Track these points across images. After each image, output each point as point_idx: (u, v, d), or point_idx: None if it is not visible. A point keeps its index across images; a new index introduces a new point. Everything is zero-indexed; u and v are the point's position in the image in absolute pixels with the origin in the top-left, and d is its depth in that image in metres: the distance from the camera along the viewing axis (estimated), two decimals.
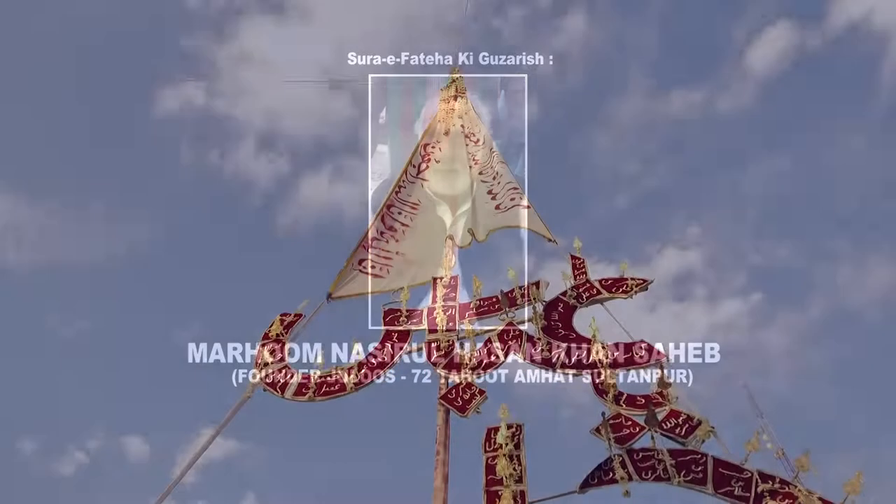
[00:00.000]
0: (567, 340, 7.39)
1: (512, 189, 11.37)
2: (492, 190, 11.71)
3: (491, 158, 12.60)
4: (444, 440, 6.82)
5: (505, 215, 10.77)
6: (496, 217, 10.79)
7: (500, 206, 11.12)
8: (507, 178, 11.81)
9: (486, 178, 12.15)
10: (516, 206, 10.86)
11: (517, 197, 11.07)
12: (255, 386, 8.09)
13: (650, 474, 5.73)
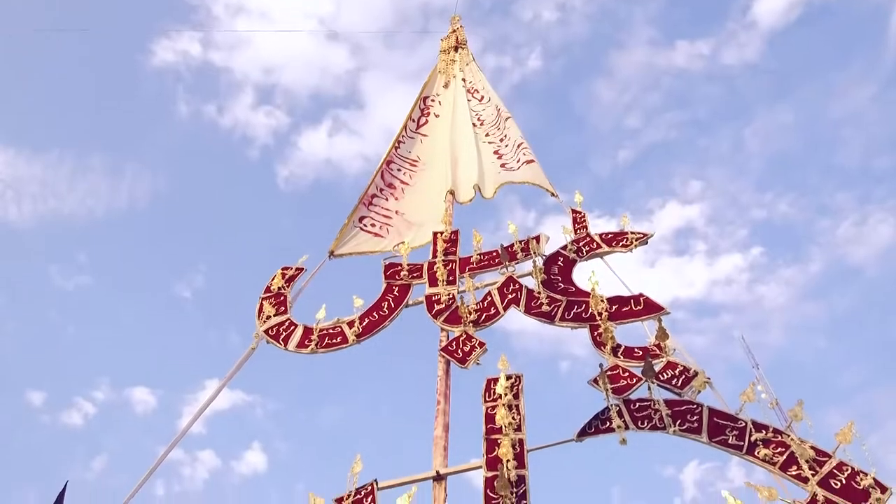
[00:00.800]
0: (566, 294, 7.44)
1: (517, 147, 11.29)
2: (498, 150, 11.64)
3: (498, 119, 12.46)
4: (444, 391, 6.95)
5: (511, 173, 10.76)
6: (502, 174, 10.76)
7: (505, 164, 11.08)
8: (515, 137, 11.72)
9: (493, 140, 12.05)
10: (522, 164, 10.84)
11: (523, 155, 11.02)
12: (258, 338, 8.20)
13: (646, 423, 5.85)
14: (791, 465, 5.25)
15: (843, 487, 4.97)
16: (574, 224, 8.61)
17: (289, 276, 9.05)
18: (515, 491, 5.45)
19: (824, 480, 5.05)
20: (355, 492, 5.98)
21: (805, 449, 5.27)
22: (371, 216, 10.79)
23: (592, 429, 5.95)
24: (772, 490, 5.10)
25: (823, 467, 5.14)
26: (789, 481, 5.21)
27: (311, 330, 8.06)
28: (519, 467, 5.64)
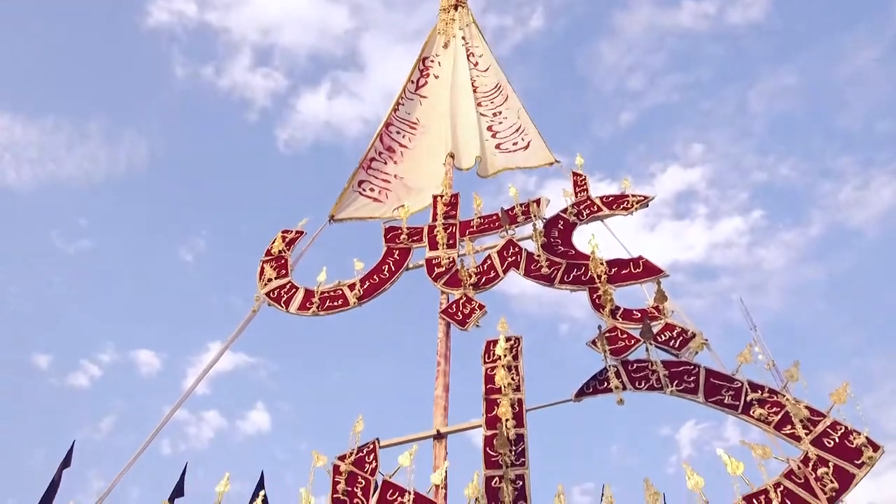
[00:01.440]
0: (566, 257, 7.45)
1: (516, 130, 11.16)
2: (492, 126, 11.51)
3: (495, 93, 12.30)
4: (444, 352, 7.03)
5: (506, 157, 10.66)
6: (499, 158, 10.67)
7: (500, 145, 10.98)
8: (512, 118, 11.57)
9: (486, 112, 11.91)
10: (520, 148, 10.74)
11: (520, 140, 10.91)
12: (260, 301, 8.24)
13: (643, 384, 5.93)
14: (785, 425, 5.33)
15: (835, 446, 5.05)
16: (575, 187, 8.57)
17: (289, 240, 9.06)
18: (514, 449, 5.56)
19: (818, 439, 5.13)
20: (357, 450, 6.09)
21: (800, 409, 5.33)
22: (370, 180, 10.74)
23: (590, 389, 6.03)
24: (766, 448, 5.19)
25: (817, 426, 5.21)
26: (783, 440, 5.29)
27: (312, 293, 8.10)
28: (518, 426, 5.74)
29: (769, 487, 4.94)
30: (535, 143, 10.73)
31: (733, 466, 5.11)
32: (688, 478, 5.16)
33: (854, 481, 4.84)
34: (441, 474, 5.68)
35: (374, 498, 5.68)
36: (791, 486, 4.92)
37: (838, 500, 4.78)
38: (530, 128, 11.16)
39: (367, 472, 5.90)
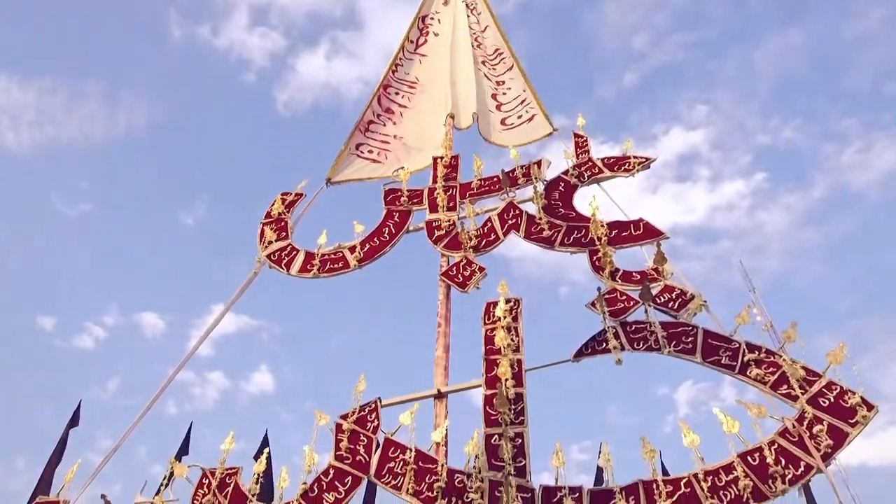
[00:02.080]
0: (566, 219, 7.43)
1: (520, 104, 10.95)
2: (496, 96, 11.29)
3: (497, 58, 12.03)
4: (445, 314, 7.07)
5: (510, 133, 10.45)
6: (503, 135, 10.47)
7: (505, 120, 10.76)
8: (515, 89, 11.34)
9: (490, 76, 11.68)
10: (524, 121, 10.54)
11: (524, 112, 10.70)
12: (260, 263, 8.27)
13: (642, 345, 5.98)
14: (782, 385, 5.40)
15: (830, 405, 5.12)
16: (576, 148, 8.48)
17: (288, 202, 9.04)
18: (513, 408, 5.65)
19: (813, 399, 5.20)
20: (360, 409, 6.19)
21: (796, 369, 5.39)
22: (368, 143, 10.63)
23: (589, 350, 6.09)
24: (761, 408, 5.27)
25: (813, 386, 5.27)
26: (779, 399, 5.36)
27: (312, 255, 8.12)
28: (517, 386, 5.82)
29: (763, 445, 5.03)
30: (538, 117, 10.55)
31: (729, 425, 5.20)
32: (684, 436, 5.26)
33: (848, 439, 4.92)
34: (442, 432, 5.78)
35: (376, 455, 5.80)
36: (785, 443, 5.01)
37: (832, 458, 4.86)
38: (533, 100, 10.95)
39: (370, 431, 6.01)
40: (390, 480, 5.58)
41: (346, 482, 5.71)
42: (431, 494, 5.31)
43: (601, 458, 5.40)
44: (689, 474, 5.05)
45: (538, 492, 5.20)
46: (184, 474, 6.29)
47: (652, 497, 4.98)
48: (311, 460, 5.90)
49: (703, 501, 4.86)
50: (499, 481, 5.19)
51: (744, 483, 4.83)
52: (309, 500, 5.67)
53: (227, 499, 5.96)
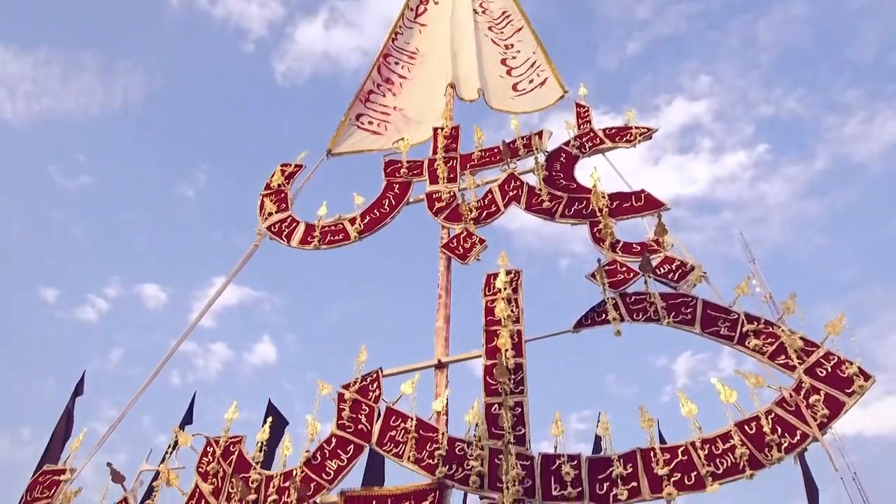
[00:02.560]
0: (567, 191, 7.40)
1: (531, 68, 10.73)
2: (506, 60, 11.07)
3: (504, 20, 11.80)
4: (445, 285, 7.09)
5: (524, 99, 10.25)
6: (514, 101, 10.26)
7: (517, 86, 10.55)
8: (525, 52, 11.11)
9: (497, 41, 11.46)
10: (536, 86, 10.32)
11: (536, 76, 10.48)
12: (261, 235, 8.26)
13: (641, 316, 6.01)
14: (779, 355, 5.43)
15: (828, 375, 5.16)
16: (578, 119, 8.41)
17: (288, 173, 9.00)
18: (513, 378, 5.71)
19: (810, 369, 5.24)
20: (361, 379, 6.25)
21: (794, 339, 5.42)
22: (368, 113, 10.53)
23: (588, 320, 6.12)
24: (759, 377, 5.31)
25: (811, 356, 5.31)
26: (777, 370, 5.40)
27: (313, 227, 8.11)
28: (517, 356, 5.87)
29: (760, 414, 5.08)
30: (550, 80, 10.32)
31: (726, 394, 5.25)
32: (682, 405, 5.31)
33: (844, 409, 4.96)
34: (442, 401, 5.85)
35: (377, 424, 5.88)
36: (782, 413, 5.06)
37: (828, 427, 4.92)
38: (545, 62, 10.72)
39: (371, 400, 6.07)
40: (392, 448, 5.66)
41: (349, 450, 5.80)
42: (432, 462, 5.39)
43: (599, 427, 5.46)
44: (686, 442, 5.11)
45: (537, 459, 5.28)
46: (188, 443, 6.38)
47: (649, 465, 5.06)
48: (313, 429, 5.98)
49: (700, 469, 4.93)
50: (498, 449, 5.27)
51: (740, 451, 4.90)
52: (312, 468, 5.76)
53: (232, 466, 6.05)
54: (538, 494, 5.09)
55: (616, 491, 5.00)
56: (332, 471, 5.69)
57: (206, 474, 6.08)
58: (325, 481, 5.64)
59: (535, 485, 5.13)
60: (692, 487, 4.89)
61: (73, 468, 6.70)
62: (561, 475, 5.13)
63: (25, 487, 6.69)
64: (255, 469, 5.99)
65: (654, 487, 4.96)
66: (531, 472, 5.20)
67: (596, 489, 5.07)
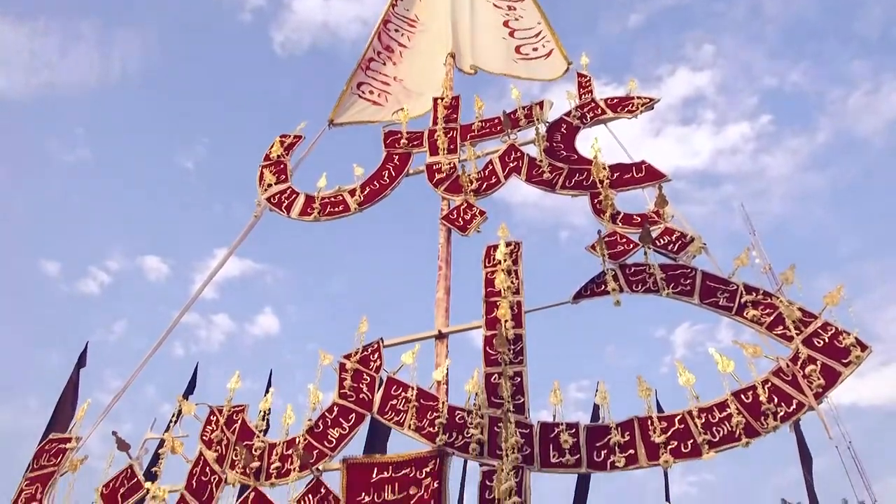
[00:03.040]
0: (568, 162, 7.37)
1: (535, 37, 10.55)
2: (509, 22, 10.88)
3: None
4: (445, 257, 7.11)
5: (527, 65, 10.08)
6: (517, 64, 10.11)
7: (520, 48, 10.37)
8: (528, 20, 10.91)
9: (500, 4, 11.27)
10: (540, 56, 10.15)
11: (541, 47, 10.30)
12: (261, 206, 8.26)
13: (640, 287, 6.03)
14: (777, 325, 5.46)
15: (825, 346, 5.20)
16: (579, 89, 8.32)
17: (287, 144, 8.96)
18: (513, 348, 5.76)
19: (808, 339, 5.28)
20: (362, 349, 6.31)
21: (792, 310, 5.45)
22: (369, 82, 10.43)
23: (588, 292, 6.15)
24: (756, 347, 5.36)
25: (808, 327, 5.34)
26: (775, 340, 5.44)
27: (312, 198, 8.10)
28: (516, 327, 5.92)
29: (757, 384, 5.13)
30: (555, 53, 10.14)
31: (724, 364, 5.30)
32: (679, 375, 5.37)
33: (840, 378, 5.01)
34: (443, 371, 5.91)
35: (379, 393, 5.95)
36: (779, 382, 5.12)
37: (823, 396, 4.97)
38: (549, 34, 10.53)
39: (372, 370, 6.14)
40: (393, 417, 5.74)
41: (350, 418, 5.88)
42: (433, 430, 5.46)
43: (598, 397, 5.52)
44: (683, 411, 5.18)
45: (536, 428, 5.35)
46: (192, 412, 6.47)
47: (647, 433, 5.13)
48: (315, 398, 6.06)
49: (697, 437, 5.00)
50: (498, 417, 5.34)
51: (737, 420, 4.96)
52: (314, 436, 5.85)
53: (235, 435, 6.14)
54: (537, 461, 5.18)
55: (614, 458, 5.08)
56: (335, 439, 5.79)
57: (210, 442, 6.18)
58: (327, 449, 5.73)
59: (534, 452, 5.22)
60: (688, 455, 4.97)
61: (78, 437, 6.82)
62: (559, 443, 5.21)
63: (32, 455, 6.81)
64: (258, 437, 6.08)
65: (650, 455, 5.04)
66: (530, 440, 5.28)
67: (594, 456, 5.15)
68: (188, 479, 6.04)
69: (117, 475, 6.29)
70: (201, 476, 6.01)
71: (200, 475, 6.02)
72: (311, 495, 5.48)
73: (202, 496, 5.88)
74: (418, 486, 5.25)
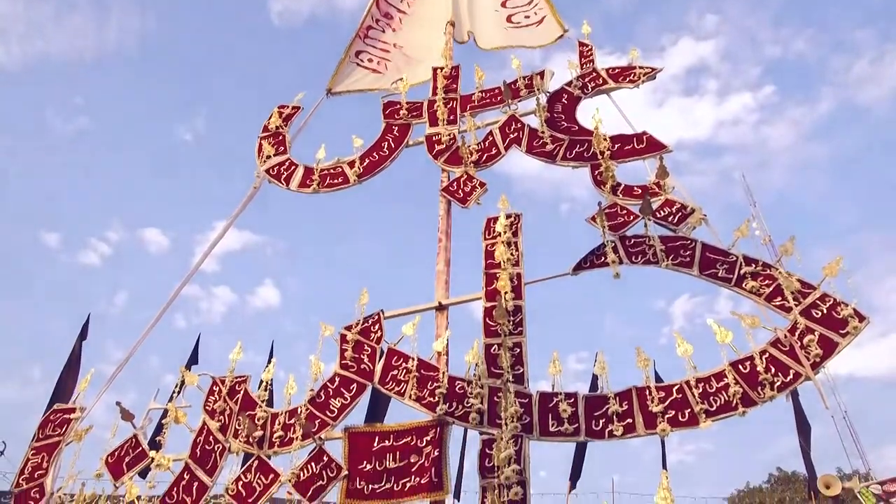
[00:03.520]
0: (569, 133, 7.31)
1: (528, 4, 10.34)
2: None
3: None
4: (445, 229, 7.10)
5: (518, 32, 9.91)
6: (507, 33, 9.94)
7: (512, 17, 10.19)
8: None
9: None
10: (534, 24, 9.96)
11: (533, 14, 10.09)
12: (260, 178, 8.22)
13: (640, 258, 6.04)
14: (776, 296, 5.48)
15: (823, 317, 5.22)
16: (580, 58, 8.21)
17: (286, 115, 8.88)
18: (512, 319, 5.79)
19: (806, 310, 5.30)
20: (363, 321, 6.35)
21: (791, 281, 5.46)
22: (368, 50, 10.29)
23: (588, 263, 6.16)
24: (755, 318, 5.39)
25: (807, 298, 5.36)
26: (773, 311, 5.46)
27: (311, 170, 8.06)
28: (516, 298, 5.94)
29: (755, 354, 5.17)
30: (548, 19, 9.98)
31: (722, 335, 5.34)
32: (678, 345, 5.41)
33: (837, 349, 5.04)
34: (443, 342, 5.96)
35: (379, 363, 6.01)
36: (776, 353, 5.16)
37: (820, 366, 5.02)
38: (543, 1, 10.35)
39: (373, 341, 6.19)
40: (394, 387, 5.81)
41: (352, 389, 5.95)
42: (433, 400, 5.53)
43: (596, 367, 5.57)
44: (681, 381, 5.23)
45: (535, 397, 5.41)
46: (195, 382, 6.54)
47: (644, 402, 5.19)
48: (317, 369, 6.12)
49: (694, 406, 5.06)
50: (498, 387, 5.40)
51: (734, 389, 5.02)
52: (316, 406, 5.92)
53: (238, 404, 6.22)
54: (536, 430, 5.25)
55: (612, 427, 5.16)
56: (336, 408, 5.86)
57: (213, 412, 6.25)
58: (329, 418, 5.81)
59: (533, 421, 5.29)
60: (686, 424, 5.03)
61: (82, 407, 6.90)
62: (558, 412, 5.28)
63: (37, 425, 6.90)
64: (261, 407, 6.15)
65: (648, 424, 5.11)
66: (529, 410, 5.34)
67: (592, 425, 5.23)
68: (192, 447, 6.13)
69: (122, 444, 6.38)
70: (205, 445, 6.10)
71: (204, 444, 6.11)
72: (314, 463, 5.57)
73: (206, 464, 5.98)
74: (419, 454, 5.34)
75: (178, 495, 5.88)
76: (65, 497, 6.36)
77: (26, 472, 6.57)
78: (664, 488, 4.84)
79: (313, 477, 5.50)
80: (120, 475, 6.18)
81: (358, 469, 5.43)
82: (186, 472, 6.00)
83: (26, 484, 6.48)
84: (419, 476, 5.25)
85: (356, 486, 5.37)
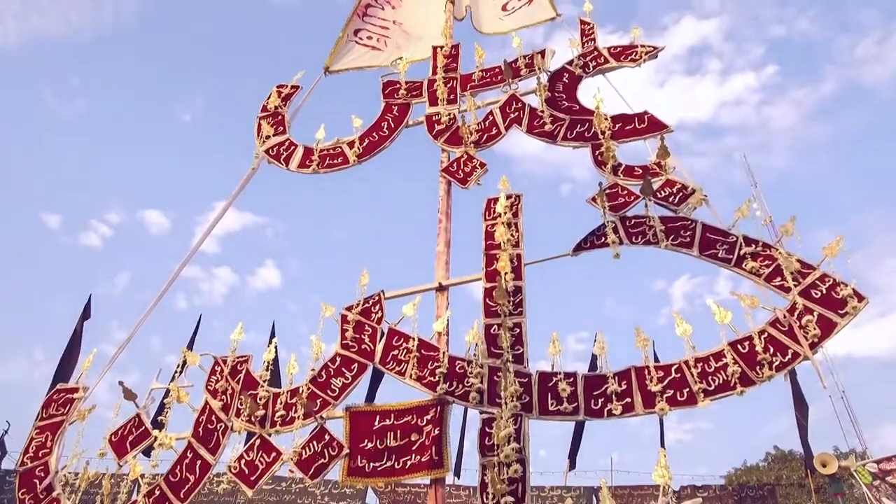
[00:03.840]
0: (570, 112, 7.27)
1: None
2: None
3: None
4: (445, 210, 7.09)
5: (513, 17, 9.79)
6: (503, 21, 9.84)
7: (507, 5, 10.07)
8: None
9: None
10: (524, 4, 9.84)
11: None
12: (259, 158, 8.19)
13: (640, 239, 6.04)
14: (776, 277, 5.49)
15: (822, 297, 5.23)
16: (581, 37, 8.13)
17: (285, 95, 8.82)
18: (512, 300, 5.81)
19: (805, 290, 5.31)
20: (364, 301, 6.37)
21: (791, 262, 5.46)
22: (367, 28, 10.19)
23: (588, 244, 6.16)
24: (754, 298, 5.40)
25: (806, 278, 5.37)
26: (772, 291, 5.47)
27: (311, 150, 8.03)
28: (516, 279, 5.95)
29: (754, 334, 5.19)
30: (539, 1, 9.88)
31: (721, 315, 5.36)
32: (677, 325, 5.43)
33: (836, 329, 5.05)
34: (443, 322, 5.98)
35: (380, 344, 6.04)
36: (775, 332, 5.17)
37: (819, 346, 5.03)
38: None
39: (374, 321, 6.22)
40: (394, 367, 5.85)
41: (353, 368, 5.99)
42: (434, 379, 5.57)
43: (596, 347, 5.60)
44: (679, 361, 5.26)
45: (535, 377, 5.45)
46: (196, 362, 6.58)
47: (643, 382, 5.23)
48: (318, 349, 6.16)
49: (693, 386, 5.10)
50: (497, 367, 5.43)
51: (732, 369, 5.05)
52: (318, 385, 5.97)
53: (240, 384, 6.26)
54: (535, 409, 5.30)
55: (610, 406, 5.20)
56: (338, 388, 5.90)
57: (215, 392, 6.30)
58: (330, 397, 5.86)
59: (533, 400, 5.33)
60: (684, 403, 5.07)
61: (85, 387, 6.95)
62: (557, 391, 5.32)
63: (41, 405, 6.96)
64: (263, 386, 6.20)
65: (647, 403, 5.15)
66: (529, 389, 5.38)
67: (591, 405, 5.27)
68: (195, 427, 6.19)
69: (125, 423, 6.44)
70: (207, 424, 6.16)
71: (207, 423, 6.17)
72: (316, 442, 5.63)
73: (209, 443, 6.04)
74: (419, 432, 5.39)
75: (181, 473, 5.95)
76: (69, 475, 6.44)
77: (31, 451, 6.64)
78: (662, 466, 4.89)
79: (315, 455, 5.57)
80: (123, 454, 6.25)
81: (359, 447, 5.49)
82: (189, 450, 6.06)
83: (31, 462, 6.56)
84: (420, 454, 5.31)
85: (357, 465, 5.44)
